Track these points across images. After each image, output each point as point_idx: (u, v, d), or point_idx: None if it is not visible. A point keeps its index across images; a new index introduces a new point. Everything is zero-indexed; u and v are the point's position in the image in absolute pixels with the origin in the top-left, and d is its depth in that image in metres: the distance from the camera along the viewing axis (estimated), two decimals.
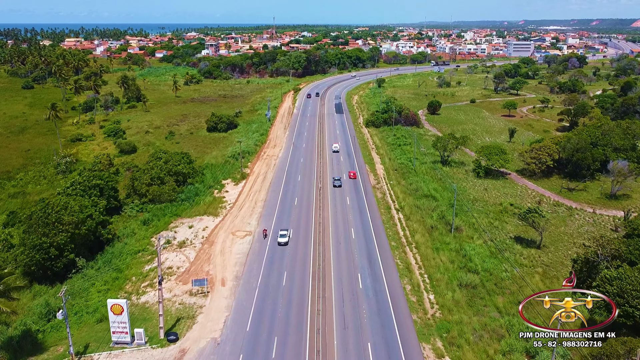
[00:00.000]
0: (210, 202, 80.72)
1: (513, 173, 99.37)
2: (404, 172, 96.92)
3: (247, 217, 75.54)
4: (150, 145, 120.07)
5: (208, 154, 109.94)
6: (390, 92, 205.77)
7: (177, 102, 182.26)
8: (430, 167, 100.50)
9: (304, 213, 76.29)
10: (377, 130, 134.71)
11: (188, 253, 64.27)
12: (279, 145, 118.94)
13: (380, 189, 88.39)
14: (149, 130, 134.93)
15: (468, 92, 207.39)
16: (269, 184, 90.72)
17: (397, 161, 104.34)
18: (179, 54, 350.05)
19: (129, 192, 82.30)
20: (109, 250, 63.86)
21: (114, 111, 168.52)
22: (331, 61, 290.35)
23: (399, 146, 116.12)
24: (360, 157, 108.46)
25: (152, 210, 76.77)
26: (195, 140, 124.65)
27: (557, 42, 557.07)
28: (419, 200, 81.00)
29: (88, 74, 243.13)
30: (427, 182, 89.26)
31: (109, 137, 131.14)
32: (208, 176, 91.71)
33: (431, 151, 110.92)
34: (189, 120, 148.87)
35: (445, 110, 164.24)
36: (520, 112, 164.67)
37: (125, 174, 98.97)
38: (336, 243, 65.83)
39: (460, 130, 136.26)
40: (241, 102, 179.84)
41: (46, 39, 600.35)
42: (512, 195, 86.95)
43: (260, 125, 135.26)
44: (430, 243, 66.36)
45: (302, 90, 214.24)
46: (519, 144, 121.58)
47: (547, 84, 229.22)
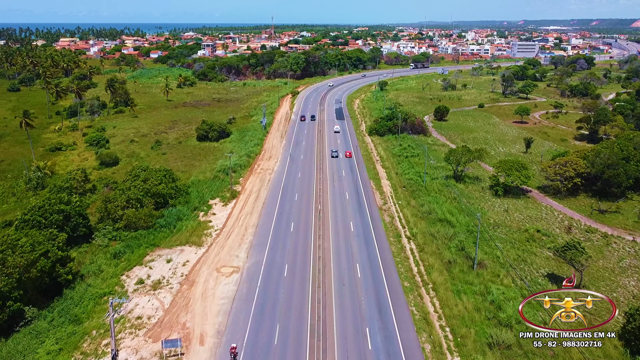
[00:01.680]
0: (194, 229, 70.45)
1: (534, 190, 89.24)
2: (414, 190, 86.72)
3: (236, 247, 65.29)
4: (134, 157, 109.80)
5: (196, 168, 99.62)
6: (393, 96, 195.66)
7: (168, 107, 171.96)
8: (442, 183, 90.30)
9: (301, 243, 66.04)
10: (382, 139, 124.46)
11: (163, 297, 54.02)
12: (274, 157, 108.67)
13: (388, 211, 78.15)
14: (134, 139, 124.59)
15: (475, 96, 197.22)
16: (262, 204, 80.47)
17: (405, 176, 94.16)
18: (174, 54, 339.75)
19: (102, 215, 71.98)
20: (68, 294, 53.56)
21: (100, 116, 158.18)
22: (331, 62, 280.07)
23: (406, 158, 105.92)
24: (364, 171, 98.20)
25: (126, 239, 66.48)
26: (184, 150, 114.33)
27: (561, 43, 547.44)
28: (432, 226, 70.80)
29: (77, 76, 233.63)
30: (440, 203, 79.04)
31: (91, 147, 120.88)
32: (193, 196, 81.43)
33: (442, 164, 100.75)
34: (178, 127, 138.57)
35: (452, 116, 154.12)
36: (533, 118, 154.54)
37: (103, 192, 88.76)
38: (339, 284, 55.60)
39: (471, 139, 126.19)
40: (236, 107, 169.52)
41: (41, 38, 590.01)
42: (536, 218, 76.79)
43: (254, 134, 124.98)
44: (450, 283, 56.17)
45: (301, 93, 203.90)
46: (536, 155, 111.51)
47: (557, 87, 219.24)
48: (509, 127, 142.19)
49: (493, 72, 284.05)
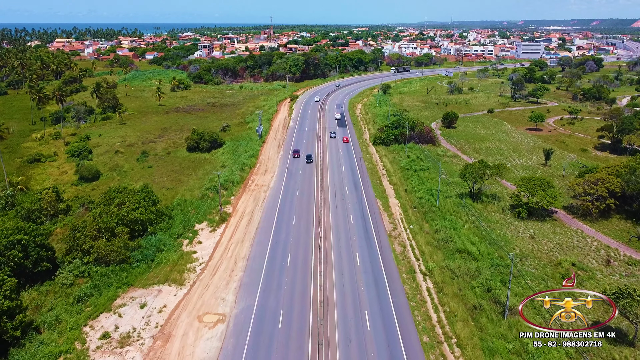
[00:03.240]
0: (176, 262, 60.94)
1: (560, 211, 79.71)
2: (426, 212, 77.17)
3: (222, 287, 55.77)
4: (117, 171, 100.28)
5: (183, 184, 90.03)
6: (397, 100, 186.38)
7: (159, 113, 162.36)
8: (457, 203, 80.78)
9: (299, 282, 56.50)
10: (387, 149, 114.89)
11: (132, 357, 44.48)
12: (270, 171, 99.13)
13: (398, 238, 68.59)
14: (119, 149, 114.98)
15: (483, 100, 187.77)
16: (255, 229, 70.91)
17: (415, 194, 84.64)
18: (169, 55, 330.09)
19: (69, 246, 62.42)
20: (15, 355, 44.02)
21: (87, 123, 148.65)
22: (331, 64, 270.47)
23: (415, 172, 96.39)
24: (370, 188, 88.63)
25: (95, 277, 56.94)
26: (172, 163, 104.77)
27: (564, 43, 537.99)
28: (451, 259, 61.29)
29: (66, 79, 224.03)
30: (458, 229, 69.47)
31: (73, 158, 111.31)
32: (177, 220, 71.81)
33: (455, 179, 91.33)
34: (168, 135, 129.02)
35: (461, 123, 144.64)
36: (548, 124, 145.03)
37: (79, 213, 79.22)
38: (344, 341, 46.01)
39: (484, 149, 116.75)
40: (231, 113, 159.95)
41: (37, 39, 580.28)
42: (568, 246, 67.26)
43: (249, 144, 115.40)
44: (478, 337, 46.64)
45: (300, 97, 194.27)
46: (557, 168, 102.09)
47: (567, 90, 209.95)
48: (523, 135, 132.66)
49: (499, 74, 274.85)
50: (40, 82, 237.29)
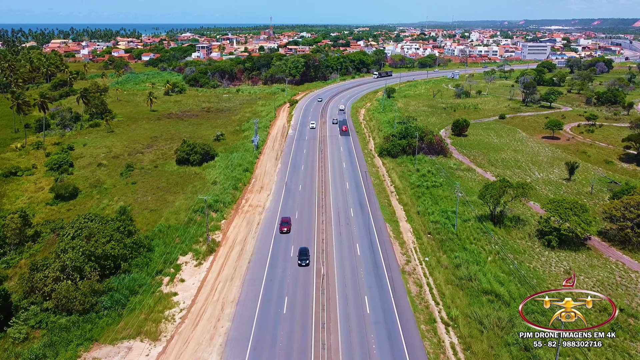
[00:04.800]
0: (152, 308, 51.52)
1: (594, 237, 70.22)
2: (443, 240, 67.73)
3: (205, 344, 46.35)
4: (97, 188, 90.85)
5: (169, 205, 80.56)
6: (402, 104, 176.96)
7: (150, 119, 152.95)
8: (477, 228, 71.35)
9: (297, 337, 47.01)
10: (395, 162, 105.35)
11: None
12: (267, 187, 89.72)
13: (413, 275, 59.12)
14: (103, 162, 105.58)
15: (493, 105, 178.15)
16: (247, 262, 61.49)
17: (429, 217, 75.17)
18: (166, 57, 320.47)
19: (28, 288, 53.09)
20: None
21: (73, 131, 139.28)
22: (332, 66, 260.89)
23: (427, 189, 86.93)
24: (378, 209, 79.10)
25: (54, 329, 47.59)
26: (159, 178, 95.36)
27: (569, 43, 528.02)
28: (477, 303, 51.84)
29: (56, 82, 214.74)
30: (482, 264, 59.99)
31: (52, 171, 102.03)
32: (158, 252, 62.41)
33: (472, 198, 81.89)
34: (157, 145, 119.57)
35: (472, 130, 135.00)
36: (565, 132, 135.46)
37: (49, 239, 69.98)
38: None
39: (499, 161, 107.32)
40: (226, 119, 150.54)
41: (33, 40, 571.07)
42: (610, 283, 57.82)
43: (244, 156, 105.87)
44: None
45: (300, 102, 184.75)
46: (581, 183, 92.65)
47: (580, 93, 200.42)
48: (539, 144, 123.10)
49: (506, 76, 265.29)
50: (30, 86, 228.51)
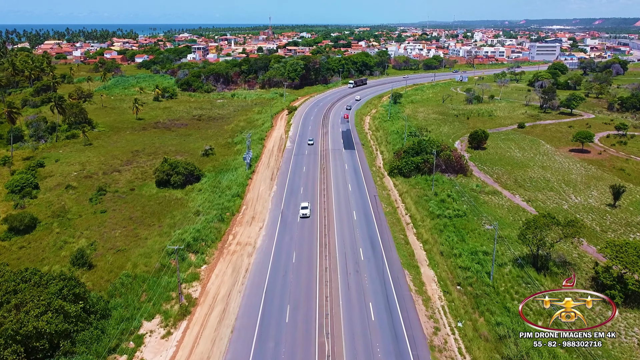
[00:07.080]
0: None
1: None
2: (477, 295, 53.88)
3: None
4: (60, 218, 76.99)
5: (140, 243, 66.68)
6: (410, 111, 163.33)
7: (135, 129, 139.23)
8: (517, 276, 57.54)
9: None
10: (408, 183, 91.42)
11: None
12: (259, 217, 75.88)
13: (446, 353, 45.18)
14: (72, 183, 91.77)
15: (509, 111, 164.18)
16: (229, 332, 47.62)
17: (455, 260, 61.30)
18: (159, 59, 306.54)
19: None
20: None
21: (48, 143, 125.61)
22: (334, 68, 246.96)
23: (450, 219, 72.97)
24: (393, 249, 65.18)
25: None
26: (133, 205, 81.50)
27: (576, 43, 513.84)
28: None
29: (39, 87, 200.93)
30: (533, 333, 46.13)
31: (13, 194, 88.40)
32: (115, 316, 48.52)
33: (505, 233, 68.07)
34: (138, 161, 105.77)
35: (490, 141, 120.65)
36: (595, 144, 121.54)
37: None
38: None
39: (527, 180, 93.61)
40: (218, 129, 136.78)
41: (27, 41, 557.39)
42: None
43: (235, 176, 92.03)
44: None
45: (300, 109, 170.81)
46: (629, 210, 78.81)
47: (600, 98, 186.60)
48: (568, 159, 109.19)
49: (517, 79, 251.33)
50: (13, 90, 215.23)
